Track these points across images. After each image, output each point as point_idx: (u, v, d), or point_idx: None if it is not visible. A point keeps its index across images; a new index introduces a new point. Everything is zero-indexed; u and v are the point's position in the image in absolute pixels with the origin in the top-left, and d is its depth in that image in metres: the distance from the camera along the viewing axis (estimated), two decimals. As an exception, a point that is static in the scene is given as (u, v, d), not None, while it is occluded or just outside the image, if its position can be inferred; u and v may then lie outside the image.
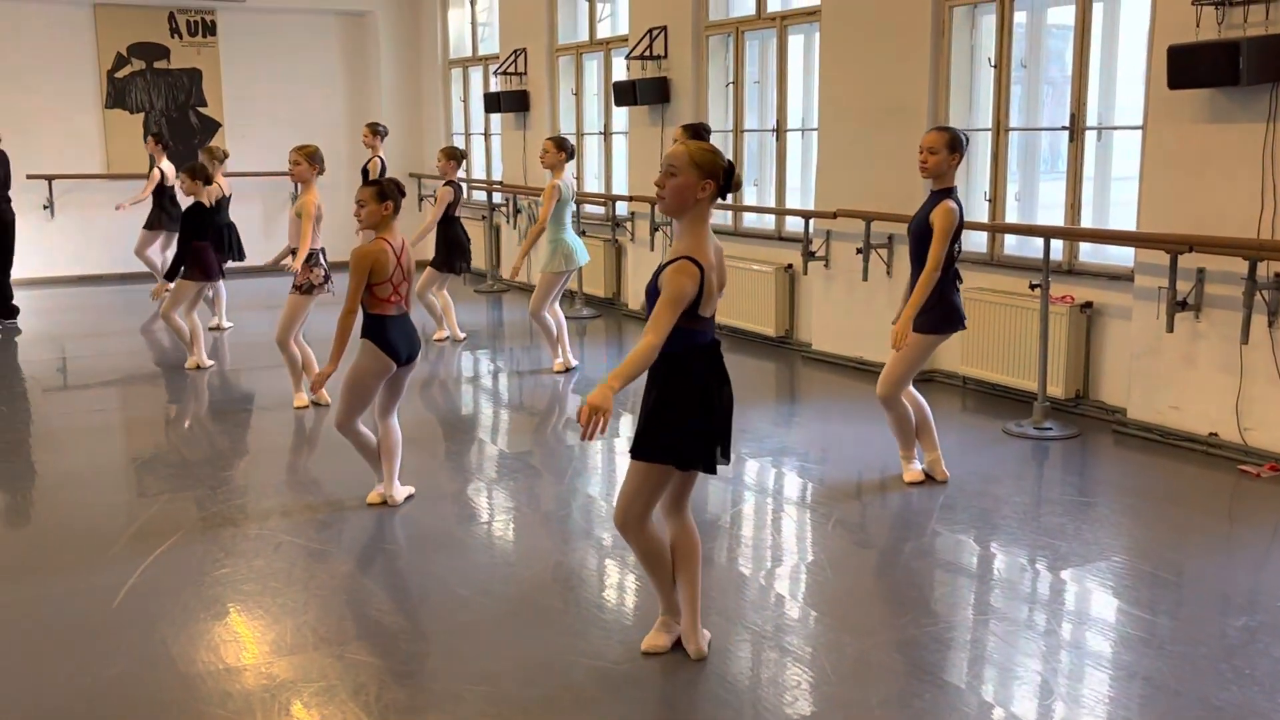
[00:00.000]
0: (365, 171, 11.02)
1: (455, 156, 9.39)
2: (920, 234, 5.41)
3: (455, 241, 9.35)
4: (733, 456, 3.78)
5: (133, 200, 11.93)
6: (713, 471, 3.70)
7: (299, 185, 7.21)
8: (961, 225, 5.41)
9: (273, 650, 3.99)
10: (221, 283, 9.98)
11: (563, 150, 8.08)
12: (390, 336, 5.19)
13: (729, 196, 3.64)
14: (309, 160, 7.03)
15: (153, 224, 11.83)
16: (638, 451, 3.67)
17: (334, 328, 5.21)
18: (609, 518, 5.40)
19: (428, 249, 9.77)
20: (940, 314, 5.46)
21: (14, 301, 10.96)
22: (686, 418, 3.61)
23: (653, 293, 3.54)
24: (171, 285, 8.53)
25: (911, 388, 5.69)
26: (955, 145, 5.38)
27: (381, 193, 5.21)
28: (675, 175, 3.51)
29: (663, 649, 3.89)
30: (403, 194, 5.33)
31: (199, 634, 4.10)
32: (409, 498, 5.55)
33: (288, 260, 7.42)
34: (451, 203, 9.31)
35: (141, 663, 3.88)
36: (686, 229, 3.54)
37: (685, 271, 3.45)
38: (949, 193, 5.38)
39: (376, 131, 10.95)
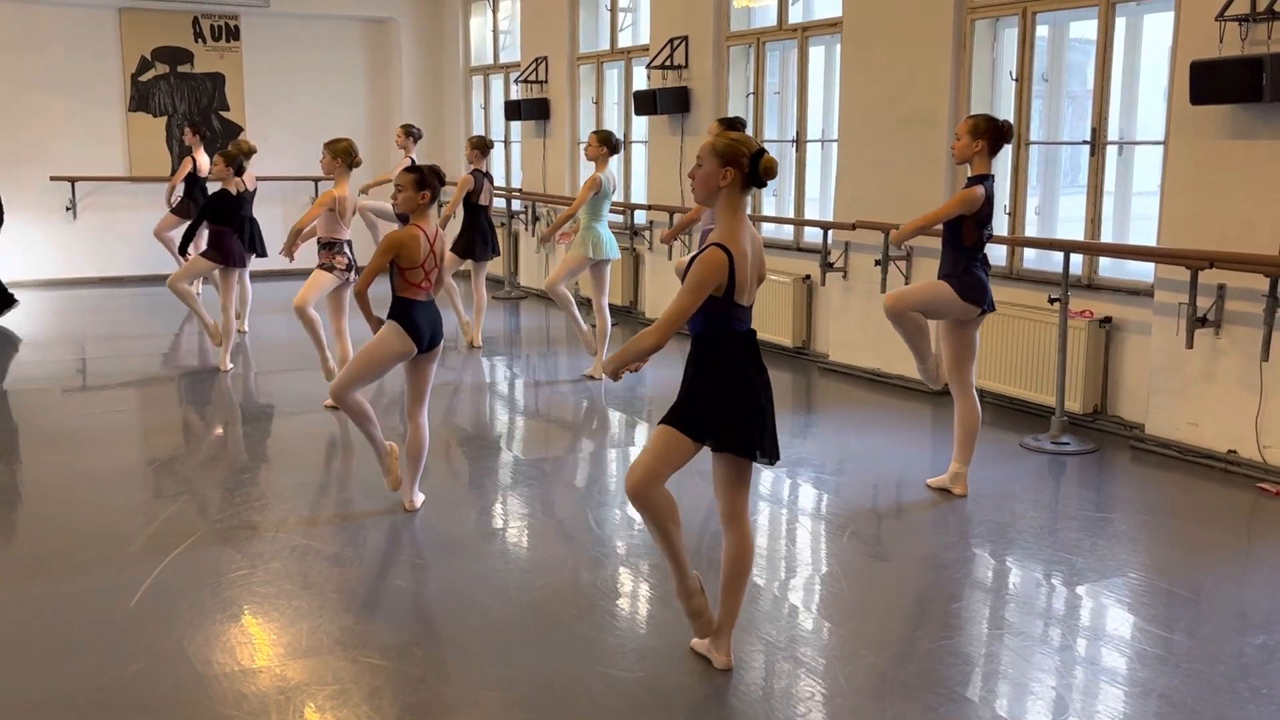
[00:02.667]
0: None
1: (480, 146, 9.72)
2: (951, 220, 5.48)
3: (478, 228, 9.51)
4: (759, 456, 3.70)
5: (171, 195, 12.02)
6: (750, 457, 3.67)
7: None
8: (989, 210, 5.48)
9: (287, 653, 4.00)
10: (250, 284, 10.06)
11: (605, 145, 8.27)
12: (417, 320, 5.22)
13: (764, 185, 3.65)
14: (333, 155, 7.11)
15: (180, 211, 11.90)
16: (670, 419, 3.66)
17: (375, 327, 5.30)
18: (623, 525, 5.41)
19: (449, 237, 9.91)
20: (967, 284, 5.49)
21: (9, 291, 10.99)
22: (720, 401, 3.61)
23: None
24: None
25: (974, 394, 5.71)
26: (976, 131, 5.47)
27: (421, 181, 5.23)
28: (701, 166, 3.64)
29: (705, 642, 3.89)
30: (443, 182, 5.36)
31: (215, 635, 4.12)
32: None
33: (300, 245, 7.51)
34: (475, 190, 9.47)
35: (158, 662, 3.90)
36: (719, 217, 3.63)
37: (711, 261, 3.50)
38: (980, 179, 5.46)
39: (409, 133, 10.99)
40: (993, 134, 5.46)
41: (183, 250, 8.89)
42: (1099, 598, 4.59)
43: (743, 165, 3.55)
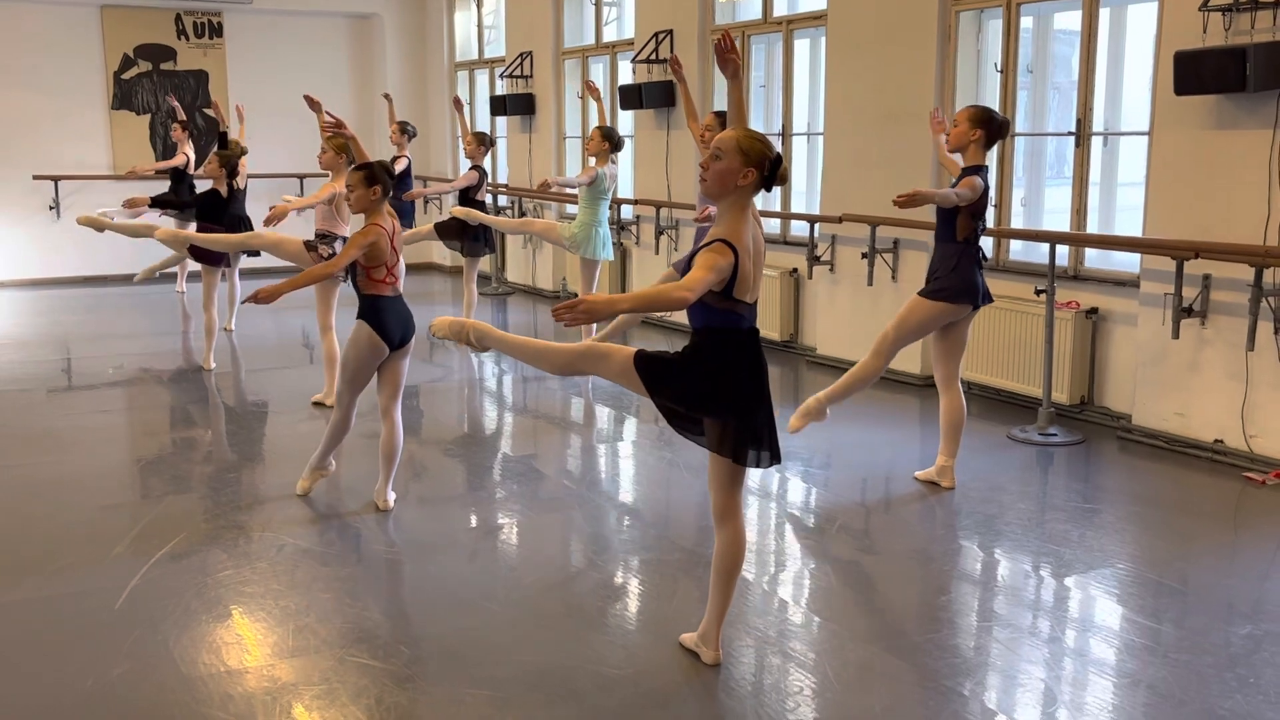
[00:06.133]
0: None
1: (484, 142, 9.66)
2: (945, 210, 5.46)
3: (473, 225, 9.49)
4: (755, 457, 3.66)
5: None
6: (741, 462, 3.63)
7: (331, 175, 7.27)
8: (984, 203, 5.47)
9: (274, 653, 3.98)
10: (238, 283, 10.03)
11: (607, 140, 8.24)
12: (385, 319, 5.18)
13: (773, 189, 3.62)
14: (335, 150, 7.04)
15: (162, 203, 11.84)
16: (640, 351, 3.65)
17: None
18: (613, 522, 5.40)
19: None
20: (953, 285, 5.46)
21: None
22: (699, 387, 3.58)
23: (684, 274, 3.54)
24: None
25: (959, 389, 5.70)
26: (976, 121, 5.45)
27: (370, 177, 5.13)
28: (720, 159, 3.50)
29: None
30: (392, 177, 5.27)
31: (201, 636, 4.10)
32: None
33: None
34: (474, 186, 9.48)
35: (143, 664, 3.87)
36: (725, 214, 3.54)
37: (719, 251, 3.43)
38: (977, 170, 5.44)
39: (405, 131, 10.93)
40: (991, 126, 5.46)
41: (156, 203, 8.89)
42: (1087, 589, 4.60)
43: (764, 168, 3.50)
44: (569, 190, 8.56)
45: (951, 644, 4.07)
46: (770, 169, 3.50)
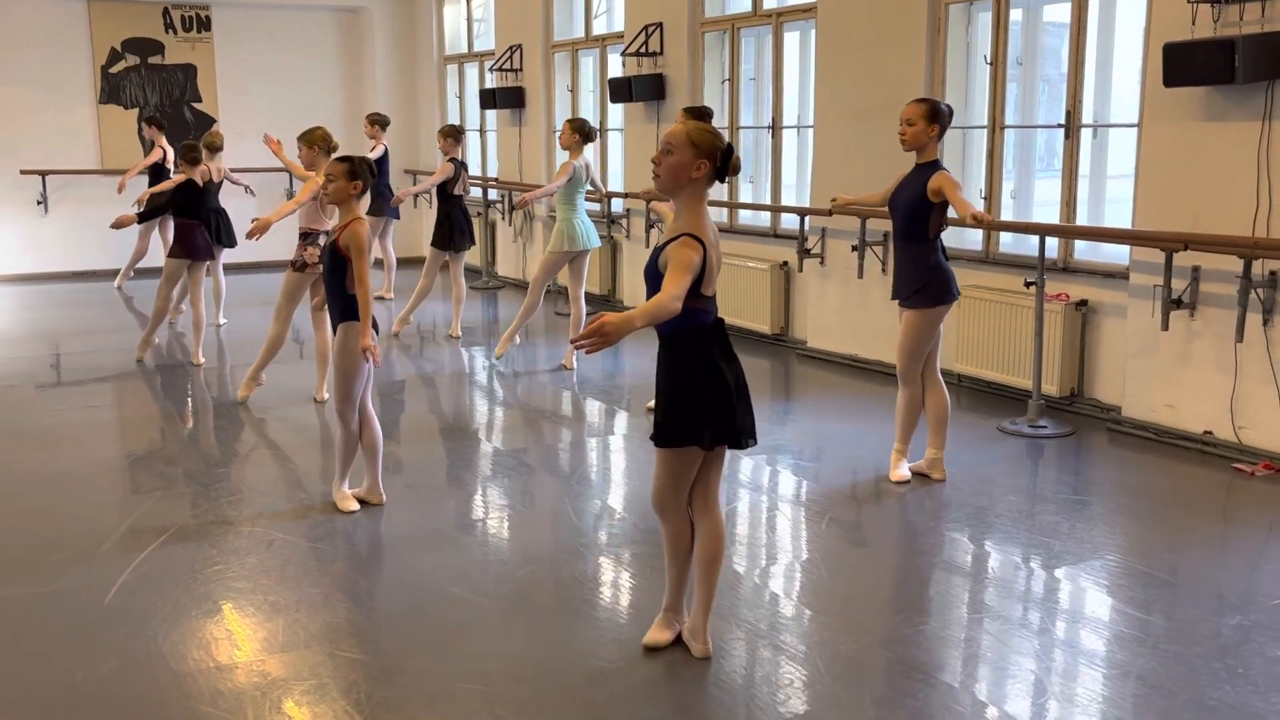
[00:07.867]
0: None
1: (453, 135, 9.61)
2: (911, 207, 5.38)
3: (454, 220, 9.47)
4: (745, 442, 3.70)
5: (128, 177, 11.85)
6: (739, 446, 3.67)
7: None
8: None
9: (264, 648, 3.97)
10: (223, 277, 10.01)
11: (578, 133, 8.20)
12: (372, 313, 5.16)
13: (726, 180, 3.63)
14: (309, 144, 6.99)
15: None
16: (660, 439, 3.66)
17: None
18: (603, 515, 5.40)
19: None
20: (938, 286, 5.44)
21: None
22: (700, 397, 3.59)
23: (651, 273, 3.54)
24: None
25: (940, 380, 5.70)
26: (933, 116, 5.32)
27: (352, 171, 5.13)
28: (671, 153, 3.51)
29: (664, 643, 3.89)
30: (374, 175, 5.26)
31: (191, 631, 4.09)
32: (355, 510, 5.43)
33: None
34: (451, 180, 9.43)
35: (133, 660, 3.86)
36: (683, 208, 3.54)
37: (689, 245, 3.44)
38: (937, 164, 5.36)
39: (375, 122, 10.90)
40: (945, 120, 5.38)
41: (143, 218, 8.79)
42: (1077, 580, 4.60)
43: (716, 159, 3.51)
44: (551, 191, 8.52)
45: (942, 636, 4.08)
46: (722, 159, 3.51)
